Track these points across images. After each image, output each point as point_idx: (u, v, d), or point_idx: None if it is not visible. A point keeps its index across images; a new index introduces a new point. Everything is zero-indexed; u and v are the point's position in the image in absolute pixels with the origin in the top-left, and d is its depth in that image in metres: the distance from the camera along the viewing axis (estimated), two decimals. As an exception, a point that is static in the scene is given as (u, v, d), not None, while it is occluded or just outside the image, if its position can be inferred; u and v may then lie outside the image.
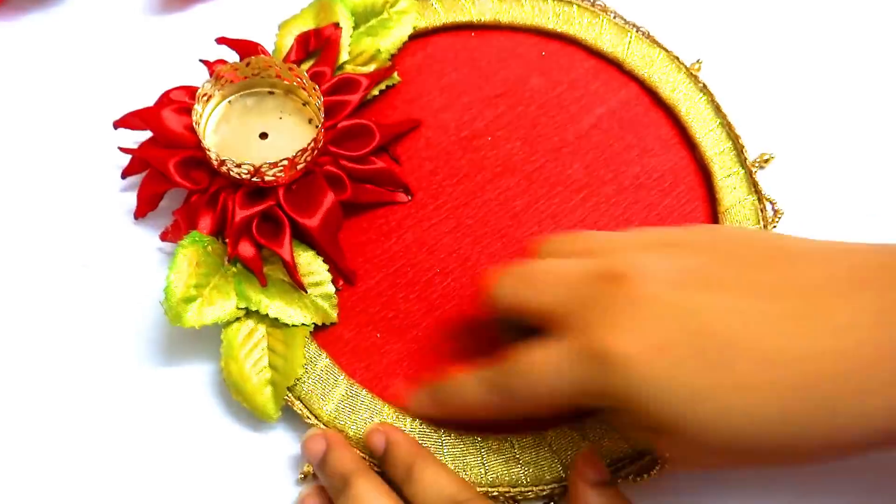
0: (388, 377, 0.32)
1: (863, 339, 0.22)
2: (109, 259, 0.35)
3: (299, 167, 0.33)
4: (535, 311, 0.27)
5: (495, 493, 0.30)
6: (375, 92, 0.37)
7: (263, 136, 0.35)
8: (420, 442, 0.30)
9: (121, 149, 0.35)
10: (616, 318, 0.24)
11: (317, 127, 0.35)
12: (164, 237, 0.34)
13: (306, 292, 0.33)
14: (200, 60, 0.36)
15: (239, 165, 0.32)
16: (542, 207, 0.36)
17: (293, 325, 0.32)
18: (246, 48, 0.36)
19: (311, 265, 0.33)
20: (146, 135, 0.35)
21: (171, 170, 0.33)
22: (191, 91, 0.35)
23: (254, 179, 0.32)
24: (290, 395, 0.31)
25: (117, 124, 0.35)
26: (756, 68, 0.40)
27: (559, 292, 0.26)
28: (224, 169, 0.32)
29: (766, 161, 0.37)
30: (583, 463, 0.29)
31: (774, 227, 0.35)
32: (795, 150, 0.37)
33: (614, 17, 0.40)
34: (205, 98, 0.34)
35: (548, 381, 0.26)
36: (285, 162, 0.32)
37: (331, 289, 0.33)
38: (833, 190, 0.36)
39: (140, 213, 0.35)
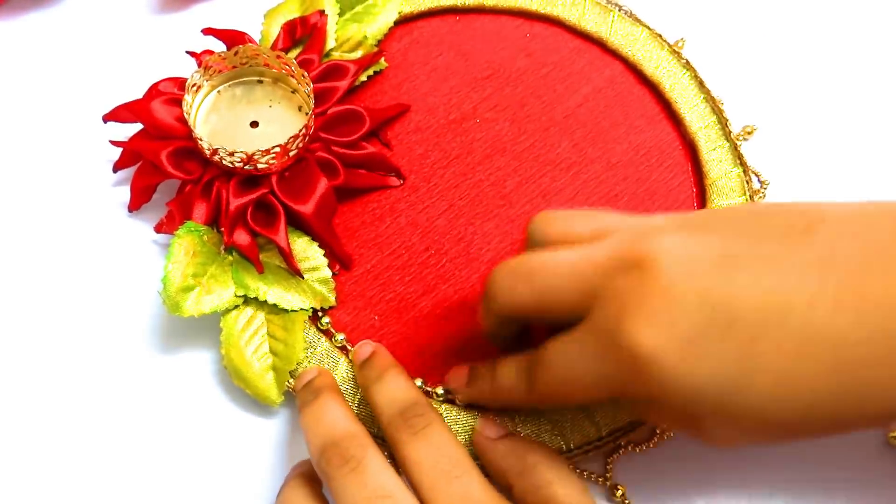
0: (387, 358, 0.33)
1: None
2: (105, 253, 0.35)
3: (291, 154, 0.33)
4: (551, 309, 0.26)
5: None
6: (363, 78, 0.38)
7: (254, 124, 0.35)
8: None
9: (112, 142, 0.35)
10: (640, 311, 0.23)
11: (307, 114, 0.35)
12: (158, 229, 0.34)
13: (303, 278, 0.33)
14: (187, 52, 0.37)
15: (232, 154, 0.32)
16: (532, 187, 0.36)
17: (292, 311, 0.32)
18: (233, 37, 0.36)
19: (307, 251, 0.33)
20: (136, 128, 0.35)
21: (163, 161, 0.33)
22: (179, 82, 0.35)
23: (247, 167, 0.32)
24: (291, 379, 0.32)
25: (107, 118, 0.35)
26: (737, 44, 0.40)
27: (573, 287, 0.25)
28: (217, 158, 0.32)
29: (750, 133, 0.37)
30: (482, 426, 0.29)
31: (761, 197, 0.36)
32: (778, 121, 0.38)
33: (597, -3, 0.40)
34: (194, 88, 0.34)
35: (577, 375, 0.25)
36: (277, 149, 0.32)
37: (327, 273, 0.33)
38: (816, 158, 0.37)
39: (134, 206, 0.35)
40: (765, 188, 0.36)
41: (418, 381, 0.32)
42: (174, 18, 0.41)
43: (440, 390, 0.31)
